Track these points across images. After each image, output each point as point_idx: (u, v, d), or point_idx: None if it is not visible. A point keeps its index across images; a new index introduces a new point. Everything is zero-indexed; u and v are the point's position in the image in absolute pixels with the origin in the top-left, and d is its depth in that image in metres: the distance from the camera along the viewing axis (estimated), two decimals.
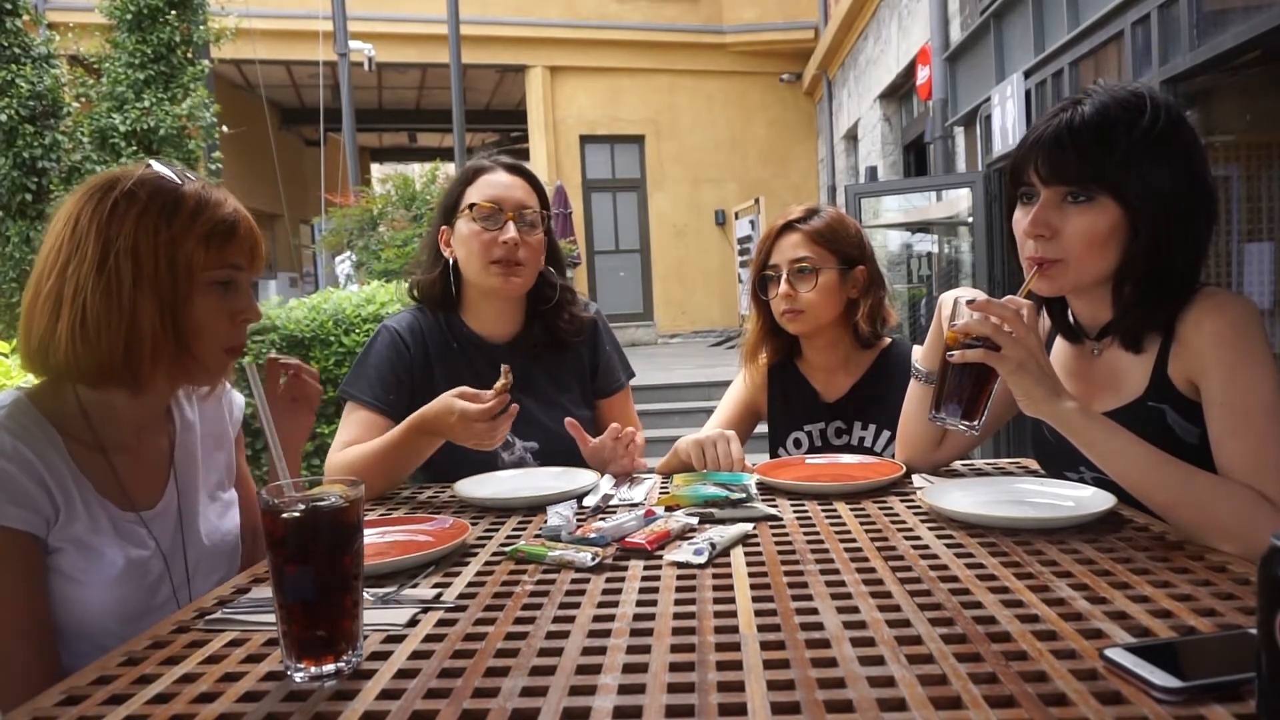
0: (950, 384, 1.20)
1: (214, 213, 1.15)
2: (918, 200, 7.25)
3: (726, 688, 0.74)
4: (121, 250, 1.09)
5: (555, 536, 1.21)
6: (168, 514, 1.22)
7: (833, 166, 12.72)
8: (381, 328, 1.78)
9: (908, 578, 1.00)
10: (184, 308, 1.12)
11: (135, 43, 7.11)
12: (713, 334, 13.15)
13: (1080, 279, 1.22)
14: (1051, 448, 1.36)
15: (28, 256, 6.88)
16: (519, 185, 1.72)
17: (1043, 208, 1.20)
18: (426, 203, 8.19)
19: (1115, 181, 1.15)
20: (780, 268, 1.81)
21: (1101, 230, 1.17)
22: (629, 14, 13.16)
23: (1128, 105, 1.17)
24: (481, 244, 1.68)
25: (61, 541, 1.09)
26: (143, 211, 1.10)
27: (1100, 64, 4.99)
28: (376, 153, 19.09)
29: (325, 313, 4.22)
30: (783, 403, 1.94)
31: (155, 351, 1.10)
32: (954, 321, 1.16)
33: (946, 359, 1.16)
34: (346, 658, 0.81)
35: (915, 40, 8.39)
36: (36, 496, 1.07)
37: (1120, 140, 1.15)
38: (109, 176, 1.14)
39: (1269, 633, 0.61)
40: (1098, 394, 1.28)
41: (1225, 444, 1.11)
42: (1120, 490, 1.16)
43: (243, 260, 1.19)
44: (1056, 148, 1.17)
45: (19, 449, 1.06)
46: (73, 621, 1.09)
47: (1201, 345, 1.14)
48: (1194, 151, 1.18)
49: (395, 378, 1.71)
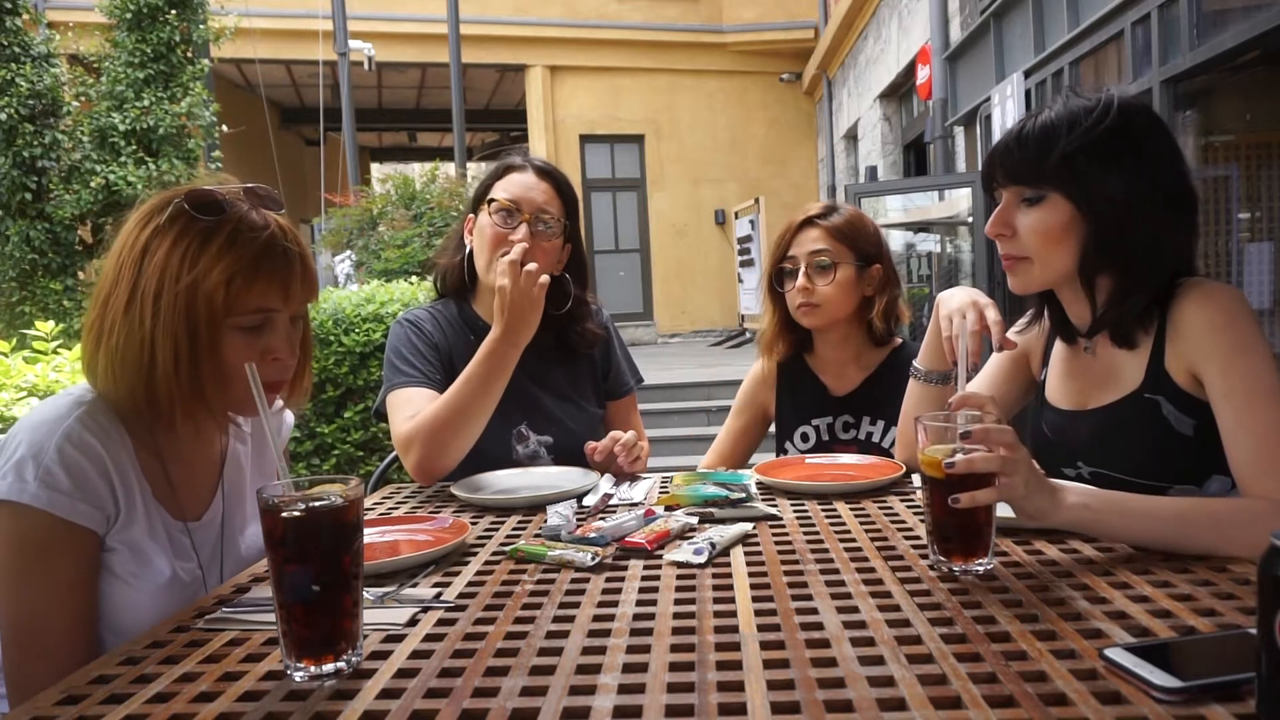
0: (954, 527, 1.00)
1: (242, 251, 1.07)
2: (918, 200, 7.25)
3: (726, 688, 0.74)
4: (146, 292, 1.06)
5: (555, 536, 1.21)
6: (211, 525, 1.21)
7: (833, 166, 12.72)
8: (395, 323, 1.77)
9: (908, 578, 1.00)
10: (205, 353, 1.07)
11: (135, 42, 7.11)
12: (713, 334, 13.14)
13: (1046, 275, 1.25)
14: (1049, 444, 1.36)
15: (27, 256, 6.89)
16: (543, 189, 1.71)
17: (1003, 209, 1.26)
18: (426, 202, 8.19)
19: (1059, 179, 1.19)
20: (798, 261, 1.83)
21: (1054, 226, 1.21)
22: (629, 14, 13.15)
23: (1080, 110, 1.20)
24: (492, 240, 1.67)
25: (118, 542, 1.09)
26: (169, 252, 1.06)
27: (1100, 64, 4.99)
28: (376, 152, 19.09)
29: (325, 312, 4.21)
30: (791, 397, 1.95)
31: (170, 396, 1.08)
32: (948, 460, 0.97)
33: (951, 504, 0.96)
34: (346, 657, 0.81)
35: (915, 40, 8.39)
36: (104, 495, 1.06)
37: (1060, 140, 1.19)
38: (153, 203, 1.11)
39: (1269, 633, 0.61)
40: (1095, 390, 1.29)
41: (1235, 440, 1.11)
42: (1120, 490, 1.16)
43: (274, 302, 1.10)
44: (1007, 152, 1.24)
45: (93, 446, 1.06)
46: (116, 622, 1.09)
47: (1195, 335, 1.16)
48: (1150, 144, 1.19)
49: (425, 356, 1.70)
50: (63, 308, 6.88)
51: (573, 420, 1.79)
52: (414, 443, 1.54)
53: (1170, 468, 1.20)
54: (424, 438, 1.53)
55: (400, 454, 1.59)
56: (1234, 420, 1.11)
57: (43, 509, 1.01)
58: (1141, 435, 1.22)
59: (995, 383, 1.48)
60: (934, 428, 1.01)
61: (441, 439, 1.53)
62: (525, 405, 1.75)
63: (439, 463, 1.55)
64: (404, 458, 1.57)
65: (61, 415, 1.07)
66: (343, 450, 4.23)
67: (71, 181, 6.97)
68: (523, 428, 1.75)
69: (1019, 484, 0.97)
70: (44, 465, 1.02)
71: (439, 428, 1.52)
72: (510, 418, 1.71)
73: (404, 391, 1.65)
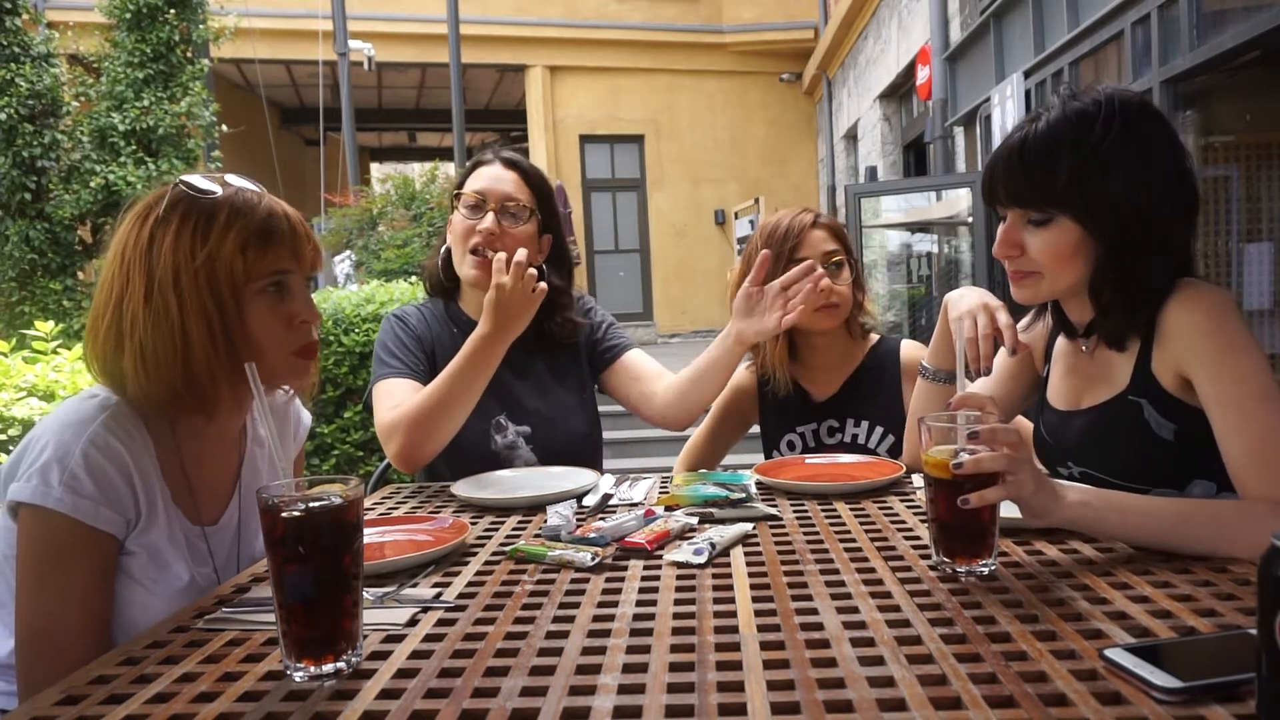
0: (958, 527, 1.00)
1: (249, 219, 1.10)
2: (917, 200, 7.25)
3: (726, 688, 0.74)
4: (164, 279, 1.07)
5: (555, 536, 1.21)
6: (228, 529, 1.21)
7: (832, 166, 12.72)
8: (384, 321, 1.82)
9: (908, 578, 1.00)
10: (235, 324, 1.09)
11: (134, 42, 7.12)
12: (713, 334, 12.98)
13: (1056, 288, 1.24)
14: (1045, 444, 1.36)
15: (27, 256, 6.89)
16: (509, 179, 1.73)
17: (1009, 229, 1.23)
18: (426, 202, 8.19)
19: (1068, 203, 1.17)
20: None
21: (1064, 248, 1.19)
22: (629, 14, 13.15)
23: (1077, 121, 1.17)
24: (462, 233, 1.71)
25: (137, 546, 1.08)
26: (177, 235, 1.08)
27: (1100, 64, 4.99)
28: (376, 152, 19.09)
29: (325, 312, 4.22)
30: (774, 407, 1.95)
31: (212, 374, 1.08)
32: (955, 461, 0.97)
33: (960, 505, 0.96)
34: (346, 657, 0.81)
35: (915, 40, 8.39)
36: (126, 499, 1.06)
37: (1065, 161, 1.15)
38: (146, 201, 1.13)
39: (1269, 633, 0.61)
40: (1088, 390, 1.29)
41: (1229, 443, 1.10)
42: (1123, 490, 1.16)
43: (288, 263, 1.14)
44: (1009, 172, 1.20)
45: (118, 450, 1.06)
46: (131, 625, 1.09)
47: (1184, 338, 1.14)
48: (1154, 147, 1.17)
49: (410, 349, 1.75)
50: (62, 308, 6.88)
51: (551, 410, 1.80)
52: (396, 431, 1.57)
53: (1152, 470, 1.20)
54: (406, 426, 1.56)
55: (382, 442, 1.62)
56: (1228, 423, 1.10)
57: (66, 514, 1.01)
58: (1125, 437, 1.21)
59: (1001, 380, 1.48)
60: (938, 428, 1.01)
61: (424, 428, 1.55)
62: (503, 397, 1.76)
63: (420, 450, 1.58)
64: (386, 445, 1.60)
65: (87, 419, 1.06)
66: (343, 450, 4.23)
67: (71, 181, 6.98)
68: (501, 418, 1.77)
69: (1027, 480, 0.97)
70: (69, 470, 1.02)
71: (422, 418, 1.55)
72: (487, 409, 1.72)
73: (388, 383, 1.69)
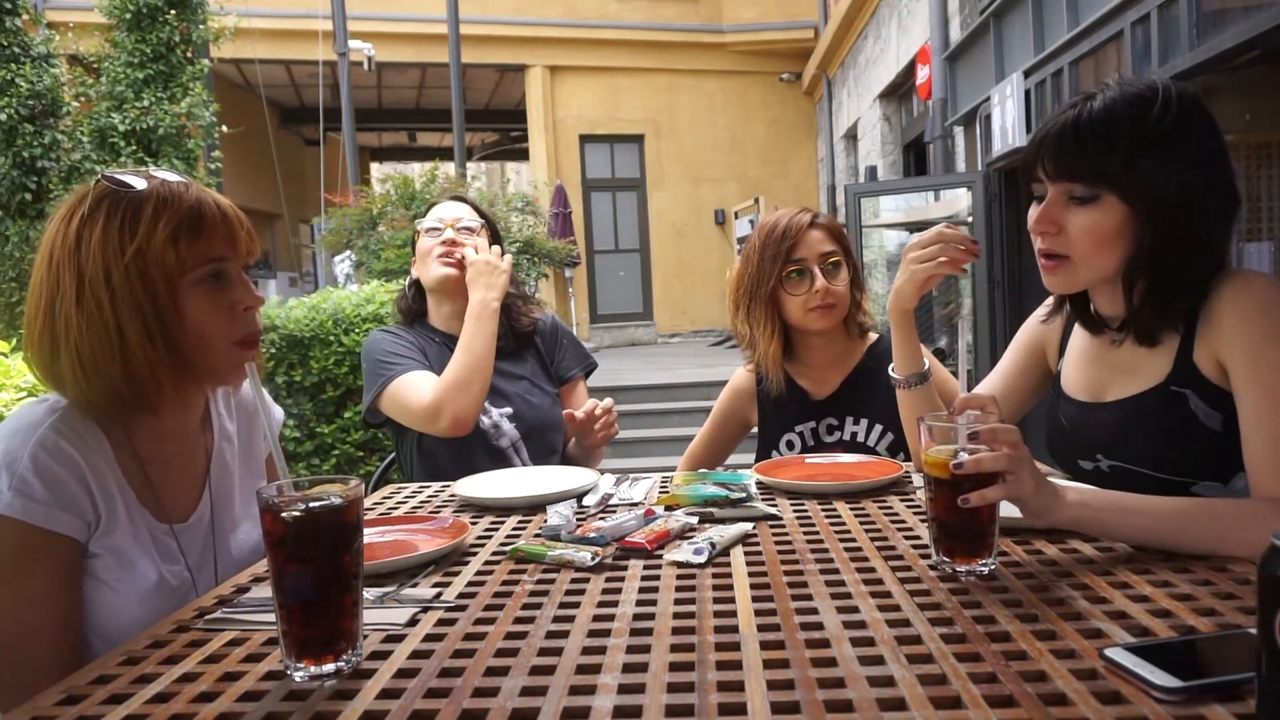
0: (958, 527, 0.99)
1: (177, 208, 1.08)
2: (917, 200, 7.24)
3: (726, 688, 0.74)
4: (94, 278, 1.05)
5: (555, 536, 1.21)
6: (199, 527, 1.20)
7: (832, 166, 12.71)
8: (371, 336, 2.01)
9: (908, 578, 1.00)
10: (172, 318, 1.08)
11: (134, 42, 7.11)
12: (713, 334, 13.14)
13: (1089, 276, 1.21)
14: (1067, 436, 1.33)
15: (27, 256, 6.88)
16: (458, 207, 2.07)
17: (1050, 204, 1.20)
18: (426, 202, 8.17)
19: (1118, 181, 1.14)
20: (809, 262, 1.82)
21: (1107, 229, 1.16)
22: (629, 14, 13.14)
23: (1136, 102, 1.15)
24: (428, 248, 1.99)
25: (100, 548, 1.08)
26: (104, 231, 1.06)
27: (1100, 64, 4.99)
28: (376, 152, 19.09)
29: (325, 312, 4.21)
30: (772, 406, 1.95)
31: (153, 371, 1.07)
32: (955, 461, 0.96)
33: (961, 504, 0.95)
34: (346, 657, 0.81)
35: (915, 40, 8.39)
36: (82, 501, 1.06)
37: (1123, 140, 1.14)
38: (69, 203, 1.11)
39: (1269, 633, 0.61)
40: (1114, 381, 1.26)
41: (1252, 434, 1.08)
42: (1143, 485, 1.15)
43: (222, 249, 1.11)
44: (1061, 145, 1.17)
45: (69, 453, 1.05)
46: (103, 627, 1.08)
47: (1226, 323, 1.12)
48: (1205, 141, 1.16)
49: (409, 350, 1.93)
50: None
51: (530, 394, 2.01)
52: (445, 402, 1.78)
53: (1195, 463, 1.17)
54: (452, 395, 1.78)
55: (429, 422, 1.79)
56: (1254, 412, 1.08)
57: (17, 518, 1.01)
58: (1166, 428, 1.18)
59: (1009, 376, 1.46)
60: (939, 428, 1.01)
61: (468, 390, 1.79)
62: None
63: (471, 411, 1.80)
64: (435, 423, 1.79)
65: (36, 422, 1.06)
66: (343, 450, 4.23)
67: (71, 182, 6.96)
68: (485, 404, 1.90)
69: (1026, 480, 0.97)
70: (18, 474, 1.02)
71: (462, 382, 1.79)
72: None
73: (405, 377, 1.85)
